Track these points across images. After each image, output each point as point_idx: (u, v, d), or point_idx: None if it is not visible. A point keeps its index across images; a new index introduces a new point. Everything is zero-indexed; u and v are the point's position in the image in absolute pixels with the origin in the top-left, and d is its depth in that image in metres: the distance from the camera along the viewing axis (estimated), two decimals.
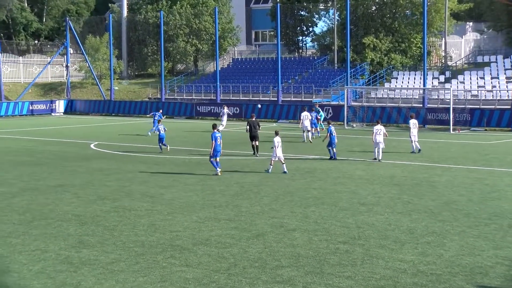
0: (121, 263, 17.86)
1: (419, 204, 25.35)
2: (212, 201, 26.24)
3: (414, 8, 78.40)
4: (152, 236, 20.79)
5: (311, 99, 71.74)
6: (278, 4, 76.79)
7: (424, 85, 65.29)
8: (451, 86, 63.86)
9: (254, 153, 40.39)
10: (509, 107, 59.29)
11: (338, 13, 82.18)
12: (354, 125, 60.12)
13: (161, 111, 57.46)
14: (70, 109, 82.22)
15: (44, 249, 19.37)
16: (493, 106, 61.27)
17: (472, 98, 65.78)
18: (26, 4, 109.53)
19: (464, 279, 16.38)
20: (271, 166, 33.59)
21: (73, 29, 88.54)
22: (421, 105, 63.10)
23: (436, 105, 63.23)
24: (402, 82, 74.13)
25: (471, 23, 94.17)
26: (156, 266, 17.64)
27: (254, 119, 42.01)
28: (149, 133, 51.40)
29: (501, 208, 24.58)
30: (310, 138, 48.22)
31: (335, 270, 17.17)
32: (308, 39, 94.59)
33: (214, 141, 32.89)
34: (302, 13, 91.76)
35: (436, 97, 66.73)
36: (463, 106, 59.62)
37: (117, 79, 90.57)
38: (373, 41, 77.52)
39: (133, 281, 16.43)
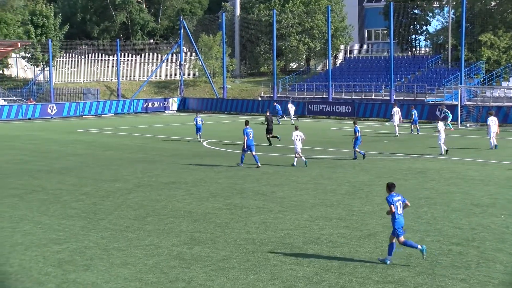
0: (232, 260, 18.03)
1: None
2: (323, 200, 26.21)
3: None
4: (263, 234, 20.90)
5: (423, 98, 70.82)
6: (392, 3, 75.87)
7: None
8: None
9: (270, 144, 44.15)
10: None
11: (453, 10, 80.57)
12: (468, 125, 58.92)
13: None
14: (183, 107, 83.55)
15: (158, 244, 19.75)
16: None
17: None
18: (144, 5, 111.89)
19: None
20: (296, 159, 35.41)
21: (186, 28, 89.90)
22: None
23: None
24: None
25: None
26: (267, 264, 17.73)
27: (268, 114, 47.40)
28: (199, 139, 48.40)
29: None
30: (397, 133, 51.14)
31: (448, 272, 16.89)
32: (421, 37, 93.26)
33: (246, 136, 34.92)
34: (416, 11, 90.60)
35: None
36: None
37: (229, 77, 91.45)
38: (490, 38, 75.57)
39: (244, 278, 16.56)
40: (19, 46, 79.00)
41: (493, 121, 42.03)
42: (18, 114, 71.33)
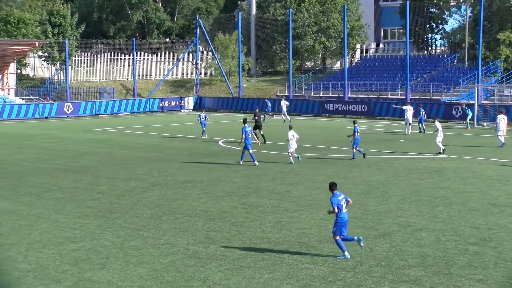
0: (247, 259, 18.05)
1: None
2: None
3: None
4: (279, 233, 20.91)
5: (440, 98, 70.65)
6: (408, 2, 75.64)
7: None
8: None
9: (263, 141, 44.39)
10: None
11: (470, 9, 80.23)
12: (485, 124, 58.66)
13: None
14: (199, 105, 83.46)
15: (173, 243, 19.80)
16: None
17: None
18: (160, 4, 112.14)
19: None
20: (291, 157, 35.75)
21: (202, 27, 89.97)
22: None
23: None
24: None
25: None
26: (282, 263, 17.74)
27: (257, 111, 49.35)
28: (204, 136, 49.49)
29: None
30: (409, 132, 51.75)
31: (465, 272, 16.84)
32: (438, 36, 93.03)
33: (244, 135, 35.23)
34: (432, 10, 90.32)
35: None
36: None
37: (245, 76, 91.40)
38: (509, 36, 75.16)
39: (259, 277, 16.57)
40: (36, 45, 79.50)
41: (502, 119, 42.29)
42: (35, 113, 71.61)
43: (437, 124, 39.66)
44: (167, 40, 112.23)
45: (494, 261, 17.75)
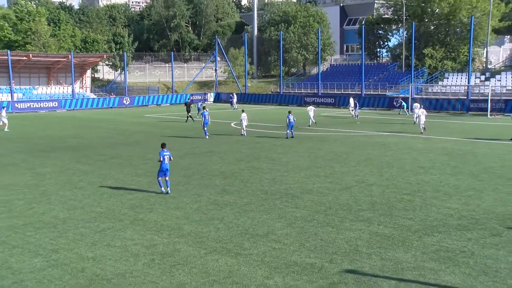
0: (251, 205, 18.11)
1: (464, 168, 24.55)
2: (315, 163, 26.20)
3: (463, 27, 75.24)
4: (273, 187, 20.96)
5: (385, 93, 70.44)
6: (363, 26, 75.44)
7: (468, 83, 63.07)
8: (489, 83, 61.35)
9: (187, 120, 47.62)
10: None
11: (405, 31, 79.84)
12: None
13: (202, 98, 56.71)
14: (217, 98, 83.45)
15: (200, 194, 19.85)
16: None
17: (507, 91, 62.91)
18: (190, 28, 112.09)
19: (497, 223, 15.83)
20: (244, 131, 37.39)
21: (220, 44, 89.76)
22: (466, 97, 60.98)
23: (477, 97, 60.95)
24: (452, 81, 71.52)
25: (509, 36, 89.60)
26: (275, 207, 17.80)
27: (189, 100, 52.65)
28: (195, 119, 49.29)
29: None
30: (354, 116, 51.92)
31: (401, 213, 16.90)
32: (384, 50, 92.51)
33: (203, 117, 36.24)
34: (380, 32, 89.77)
35: (477, 91, 64.20)
36: (499, 98, 57.21)
37: (249, 78, 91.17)
38: (430, 51, 75.05)
39: (259, 217, 16.63)
40: (104, 57, 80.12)
41: (416, 106, 42.72)
42: (103, 104, 71.43)
43: (419, 111, 39.18)
44: (195, 53, 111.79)
45: (420, 205, 17.81)
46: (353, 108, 52.50)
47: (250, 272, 12.26)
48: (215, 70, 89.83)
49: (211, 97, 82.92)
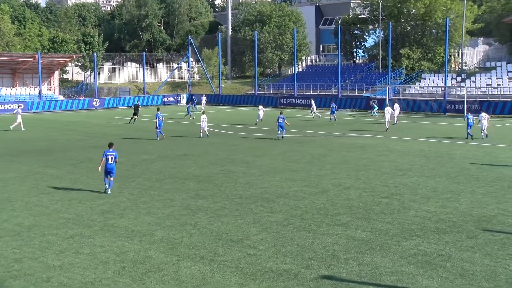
0: (225, 210, 18.03)
1: (441, 170, 24.79)
2: (290, 166, 26.22)
3: (438, 28, 76.31)
4: (248, 191, 20.90)
5: (362, 94, 70.91)
6: (340, 26, 76.02)
7: (445, 84, 63.82)
8: (465, 85, 62.21)
9: (130, 122, 49.22)
10: (510, 99, 57.34)
11: (382, 32, 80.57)
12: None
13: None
14: (191, 100, 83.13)
15: (172, 199, 19.71)
16: (498, 99, 59.33)
17: (482, 93, 63.94)
18: (162, 27, 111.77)
19: (474, 225, 15.99)
20: (201, 133, 37.78)
21: (193, 44, 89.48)
22: (443, 99, 61.73)
23: (454, 98, 61.80)
24: (429, 82, 72.34)
25: (482, 38, 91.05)
26: (250, 212, 17.74)
27: (137, 103, 52.30)
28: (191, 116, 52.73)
29: (503, 174, 23.86)
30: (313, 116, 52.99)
31: (379, 217, 16.96)
32: (360, 50, 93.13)
33: (157, 119, 36.77)
34: (357, 32, 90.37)
35: (454, 93, 65.09)
36: (474, 99, 58.04)
37: (223, 79, 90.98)
38: (407, 52, 75.88)
39: (233, 222, 16.56)
40: (74, 58, 79.38)
41: (483, 116, 39.97)
42: (73, 106, 70.64)
43: (481, 116, 38.29)
44: (168, 53, 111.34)
45: (398, 209, 17.91)
46: (313, 110, 53.72)
47: (224, 280, 12.18)
48: (188, 70, 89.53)
49: (183, 98, 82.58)
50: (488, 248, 13.99)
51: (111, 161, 20.44)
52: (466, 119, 38.46)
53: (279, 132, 36.71)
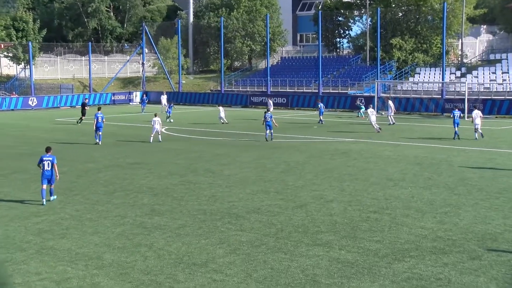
0: (186, 228, 17.97)
1: (438, 180, 25.06)
2: (263, 176, 26.25)
3: (434, 14, 77.32)
4: (213, 205, 20.86)
5: (346, 91, 71.40)
6: (320, 11, 76.56)
7: (443, 79, 64.68)
8: (466, 80, 63.08)
9: (78, 122, 50.43)
10: None
11: (370, 18, 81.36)
12: (383, 113, 59.52)
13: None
14: (141, 99, 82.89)
15: (124, 215, 19.58)
16: (503, 97, 60.28)
17: (485, 90, 64.88)
18: (112, 13, 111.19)
19: (477, 244, 16.16)
20: (152, 137, 37.97)
21: (148, 32, 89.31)
22: (440, 96, 62.52)
23: (453, 96, 62.64)
24: (424, 77, 73.27)
25: (485, 26, 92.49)
26: (216, 230, 17.70)
27: (86, 101, 54.54)
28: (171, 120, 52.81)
29: (509, 184, 24.20)
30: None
31: (366, 235, 17.06)
32: (345, 40, 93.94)
33: (95, 119, 37.31)
34: (340, 18, 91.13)
35: (453, 90, 65.94)
36: (476, 97, 58.87)
37: (184, 74, 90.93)
38: (399, 42, 76.70)
39: (196, 243, 16.51)
40: (2, 47, 78.16)
41: (476, 114, 40.08)
42: (2, 106, 69.90)
43: (474, 113, 39.39)
44: (118, 43, 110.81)
45: (389, 225, 18.04)
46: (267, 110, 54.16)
47: None
48: (142, 64, 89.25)
49: (136, 97, 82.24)
50: (494, 271, 14.15)
51: (48, 167, 20.99)
52: (452, 115, 39.47)
53: (267, 132, 38.39)
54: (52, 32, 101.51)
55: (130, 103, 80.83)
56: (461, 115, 40.04)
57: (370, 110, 44.54)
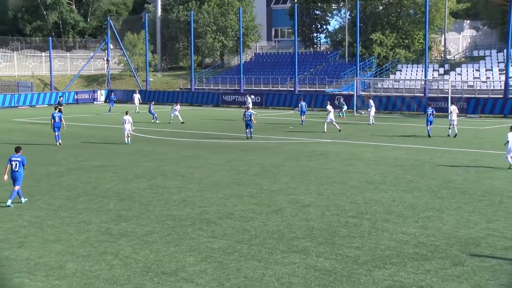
0: (154, 235, 17.95)
1: (421, 183, 25.27)
2: (237, 180, 26.28)
3: (416, 8, 77.93)
4: (183, 210, 20.85)
5: (324, 89, 71.66)
6: (296, 5, 76.79)
7: (425, 76, 65.15)
8: (449, 78, 63.79)
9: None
10: (501, 96, 58.95)
11: (349, 12, 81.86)
12: (362, 112, 59.93)
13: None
14: (108, 98, 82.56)
15: (88, 221, 19.51)
16: (487, 96, 60.92)
17: (468, 88, 65.55)
18: (74, 6, 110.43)
19: (460, 249, 16.35)
20: (125, 139, 38.25)
21: (113, 27, 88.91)
22: (423, 95, 62.98)
23: (436, 95, 63.13)
24: (406, 74, 73.79)
25: (468, 21, 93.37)
26: (186, 237, 17.71)
27: (60, 99, 56.58)
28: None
29: (493, 186, 24.49)
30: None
31: (345, 241, 17.16)
32: (322, 35, 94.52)
33: (53, 120, 38.00)
34: (317, 12, 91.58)
35: (436, 88, 66.49)
36: (460, 96, 59.44)
37: (152, 71, 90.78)
38: (379, 37, 77.25)
39: (165, 250, 16.50)
40: None
41: (454, 109, 41.63)
42: None
43: (328, 107, 40.91)
44: (81, 39, 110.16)
45: (369, 231, 18.16)
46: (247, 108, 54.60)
47: None
48: (107, 60, 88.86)
49: (101, 96, 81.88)
50: (477, 278, 14.33)
51: (16, 167, 21.53)
52: (425, 113, 40.15)
53: (247, 130, 40.03)
54: (6, 25, 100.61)
55: (95, 102, 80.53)
56: (434, 112, 41.04)
57: (328, 107, 45.07)
